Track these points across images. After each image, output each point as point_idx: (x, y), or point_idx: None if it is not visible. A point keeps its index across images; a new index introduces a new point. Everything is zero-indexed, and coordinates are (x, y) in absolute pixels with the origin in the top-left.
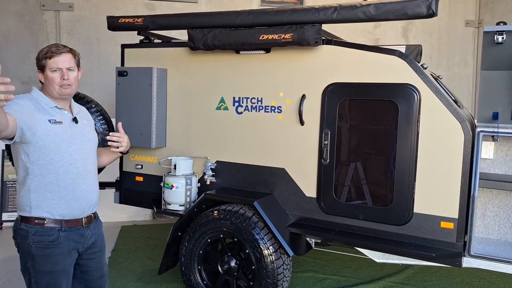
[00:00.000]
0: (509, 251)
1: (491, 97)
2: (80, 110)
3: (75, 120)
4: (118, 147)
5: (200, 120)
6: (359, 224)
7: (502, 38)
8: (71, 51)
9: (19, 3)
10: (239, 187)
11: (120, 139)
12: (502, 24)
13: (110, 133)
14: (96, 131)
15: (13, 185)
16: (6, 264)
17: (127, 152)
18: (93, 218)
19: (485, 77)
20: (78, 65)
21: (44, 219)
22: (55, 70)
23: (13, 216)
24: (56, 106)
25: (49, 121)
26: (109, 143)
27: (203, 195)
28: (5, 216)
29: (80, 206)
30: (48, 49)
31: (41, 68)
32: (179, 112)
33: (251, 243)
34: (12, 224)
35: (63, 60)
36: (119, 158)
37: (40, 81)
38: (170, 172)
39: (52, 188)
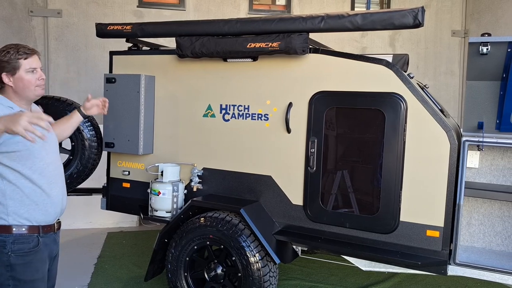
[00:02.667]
0: (494, 259)
1: (477, 107)
2: (35, 110)
3: None
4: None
5: (187, 127)
6: (346, 232)
7: (487, 49)
8: (36, 51)
9: (6, 8)
10: (225, 194)
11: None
12: (486, 35)
13: (101, 99)
14: (84, 137)
15: None
16: None
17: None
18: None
19: (471, 87)
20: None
21: (23, 226)
22: (31, 71)
23: None
24: (21, 110)
25: None
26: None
27: (189, 202)
28: None
29: (55, 210)
30: (16, 49)
31: (11, 69)
32: (167, 119)
33: (238, 250)
34: None
35: (36, 61)
36: (106, 164)
37: (2, 85)
38: (157, 178)
39: (28, 194)
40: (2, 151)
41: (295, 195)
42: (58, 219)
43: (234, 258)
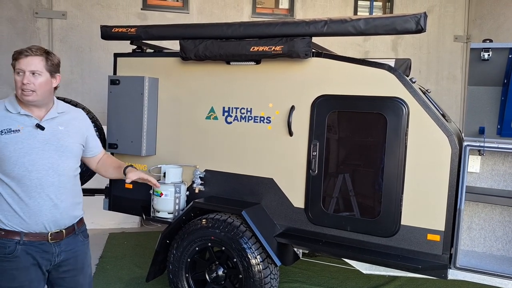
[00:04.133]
0: (494, 264)
1: (478, 112)
2: (63, 116)
3: (39, 127)
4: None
5: (190, 129)
6: (347, 235)
7: (488, 55)
8: (43, 54)
9: (12, 10)
10: (227, 196)
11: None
12: (488, 41)
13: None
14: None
15: None
16: None
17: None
18: (66, 235)
19: (472, 93)
20: (51, 70)
21: (2, 229)
22: (18, 73)
23: None
24: (19, 112)
25: (1, 132)
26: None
27: (191, 203)
28: None
29: (37, 221)
30: (19, 50)
31: (13, 70)
32: (170, 120)
33: (239, 252)
34: None
35: (27, 63)
36: None
37: None
38: (160, 180)
39: (6, 200)
40: None
41: (297, 197)
42: (61, 229)
43: (235, 259)
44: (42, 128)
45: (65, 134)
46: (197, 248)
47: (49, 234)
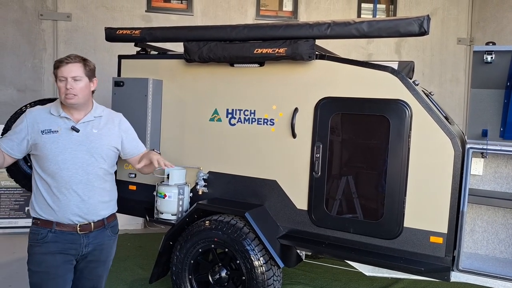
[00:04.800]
0: (497, 266)
1: (481, 114)
2: (100, 120)
3: (74, 129)
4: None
5: (194, 131)
6: (350, 237)
7: (491, 57)
8: (81, 61)
9: (17, 11)
10: (231, 197)
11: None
12: (491, 44)
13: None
14: None
15: (5, 192)
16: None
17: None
18: (94, 228)
19: (475, 95)
20: (89, 75)
21: (38, 219)
22: (62, 80)
23: (5, 223)
24: (60, 115)
25: (41, 132)
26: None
27: (195, 205)
28: None
29: (65, 214)
30: (60, 59)
31: (55, 77)
32: (173, 122)
33: (242, 254)
34: (5, 231)
35: (69, 70)
36: None
37: None
38: (163, 181)
39: (43, 192)
40: (32, 153)
41: (300, 199)
42: (89, 222)
43: (238, 261)
44: (77, 130)
45: (98, 137)
46: (200, 250)
47: (78, 225)
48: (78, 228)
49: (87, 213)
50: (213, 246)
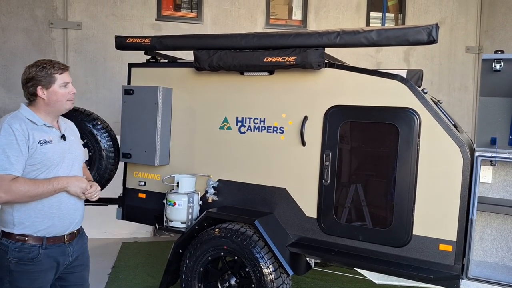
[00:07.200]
0: (506, 274)
1: (490, 122)
2: (67, 126)
3: (63, 137)
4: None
5: (204, 139)
6: (359, 245)
7: (500, 66)
8: (68, 67)
9: (28, 20)
10: (240, 205)
11: (94, 190)
12: (499, 52)
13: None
14: (101, 148)
15: None
16: None
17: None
18: (76, 235)
19: (484, 103)
20: None
21: (26, 236)
22: (64, 85)
23: None
24: (45, 124)
25: (39, 142)
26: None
27: (204, 213)
28: None
29: (64, 224)
30: (51, 65)
31: (46, 83)
32: (183, 130)
33: (252, 262)
34: None
35: (69, 75)
36: (123, 175)
37: (34, 98)
38: (173, 189)
39: (35, 207)
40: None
41: (309, 207)
42: (73, 231)
43: (248, 269)
44: (65, 139)
45: (75, 143)
46: (210, 258)
47: (65, 236)
48: (66, 238)
49: (80, 220)
50: (222, 254)
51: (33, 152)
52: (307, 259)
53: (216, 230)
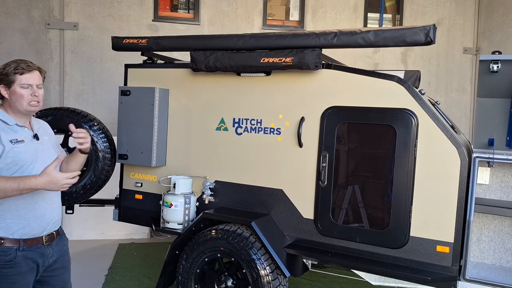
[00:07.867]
0: (503, 276)
1: (487, 123)
2: (40, 126)
3: (35, 137)
4: (83, 143)
5: (200, 140)
6: (356, 247)
7: (497, 67)
8: (39, 68)
9: (24, 21)
10: (237, 207)
11: (86, 135)
12: (497, 53)
13: (77, 130)
14: (98, 149)
15: None
16: None
17: (88, 152)
18: (56, 236)
19: (481, 104)
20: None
21: (2, 239)
22: (25, 87)
23: None
24: (16, 124)
25: (11, 141)
26: (75, 140)
27: (201, 214)
28: None
29: (40, 225)
30: (16, 64)
31: (8, 83)
32: (180, 131)
33: (248, 263)
34: None
35: (34, 77)
36: (119, 176)
37: (1, 97)
38: (170, 190)
39: (9, 208)
40: None
41: (306, 209)
42: (52, 232)
43: (244, 270)
44: (38, 138)
45: (49, 143)
46: (206, 259)
47: (43, 237)
48: (45, 240)
49: (57, 220)
50: (219, 255)
51: (4, 152)
52: (304, 260)
53: (213, 231)
